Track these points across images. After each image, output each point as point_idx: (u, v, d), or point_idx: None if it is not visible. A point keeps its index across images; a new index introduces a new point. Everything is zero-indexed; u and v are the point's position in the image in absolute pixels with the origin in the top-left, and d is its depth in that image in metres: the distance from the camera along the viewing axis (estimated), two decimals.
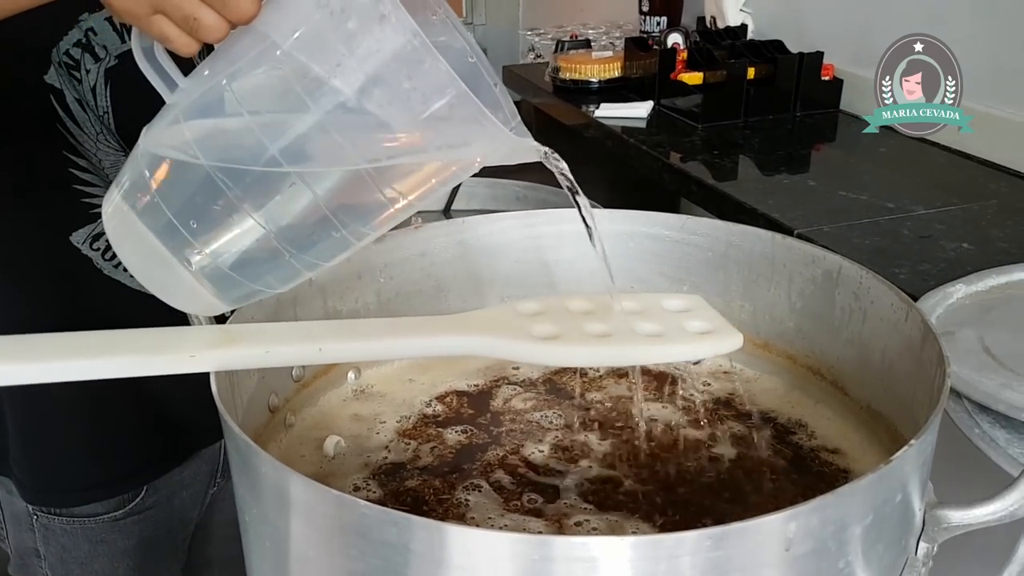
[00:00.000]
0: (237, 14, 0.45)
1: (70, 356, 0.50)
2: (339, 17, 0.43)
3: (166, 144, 0.52)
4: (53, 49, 0.82)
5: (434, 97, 0.44)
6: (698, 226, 0.75)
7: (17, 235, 0.85)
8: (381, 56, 0.43)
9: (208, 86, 0.50)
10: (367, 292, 0.74)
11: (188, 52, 0.49)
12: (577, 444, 0.65)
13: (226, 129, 0.50)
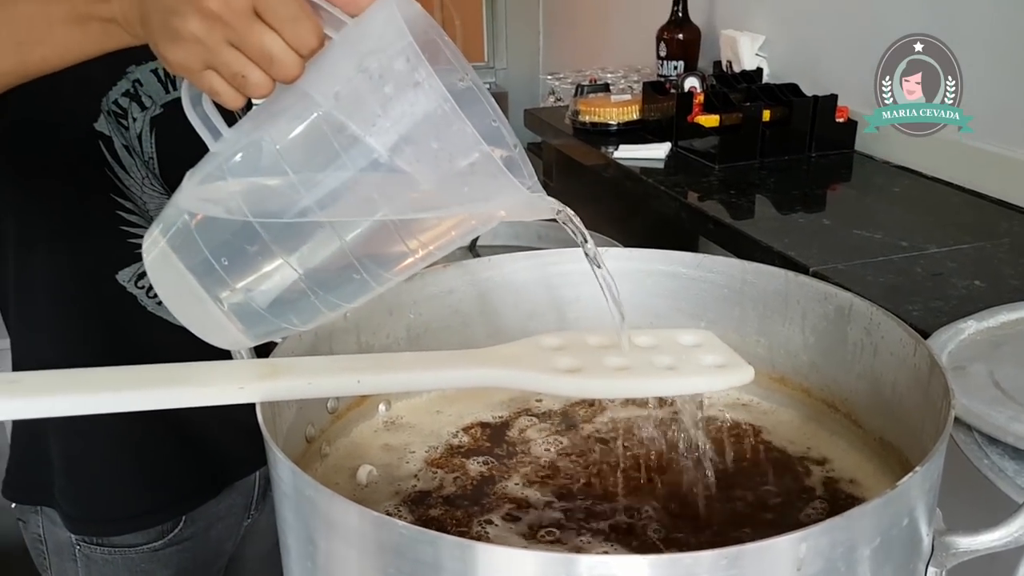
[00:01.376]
0: (282, 73, 0.49)
1: (129, 387, 0.54)
2: (377, 81, 0.47)
3: (207, 190, 0.56)
4: (103, 98, 0.87)
5: (460, 157, 0.47)
6: (714, 264, 0.78)
7: (66, 273, 0.90)
8: (413, 118, 0.47)
9: (251, 138, 0.54)
10: (398, 327, 0.77)
11: (234, 106, 0.53)
12: (594, 475, 0.68)
13: (265, 179, 0.54)
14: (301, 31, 0.48)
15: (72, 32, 0.54)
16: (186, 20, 0.47)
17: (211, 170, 0.56)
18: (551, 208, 0.55)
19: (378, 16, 0.48)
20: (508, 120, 0.54)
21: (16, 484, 0.99)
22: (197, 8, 0.47)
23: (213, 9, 0.46)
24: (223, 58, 0.48)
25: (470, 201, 0.51)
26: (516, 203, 0.52)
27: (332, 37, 0.50)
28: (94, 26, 0.53)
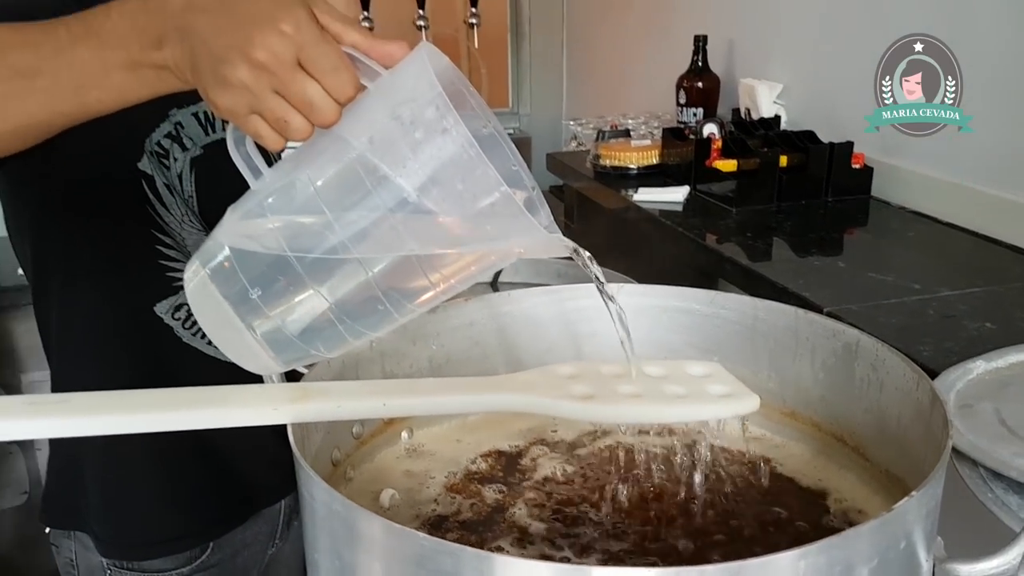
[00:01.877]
0: (321, 119, 0.53)
1: (170, 408, 0.57)
2: (409, 127, 0.51)
3: (246, 226, 0.60)
4: (147, 139, 0.92)
5: (482, 197, 0.51)
6: (726, 301, 0.81)
7: (106, 305, 0.94)
8: (441, 161, 0.51)
9: (290, 177, 0.58)
10: (421, 357, 0.80)
11: (275, 148, 0.56)
12: (603, 502, 0.70)
13: (301, 216, 0.58)
14: (340, 81, 0.52)
15: (127, 77, 0.57)
16: (235, 68, 0.51)
17: (251, 207, 0.60)
18: (566, 247, 0.58)
19: (411, 68, 0.53)
20: (531, 163, 0.58)
21: (52, 509, 1.02)
22: (246, 58, 0.51)
23: (261, 59, 0.51)
24: (268, 104, 0.52)
25: (491, 239, 0.55)
26: (533, 241, 0.56)
27: (367, 86, 0.54)
28: (147, 72, 0.57)
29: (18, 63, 0.58)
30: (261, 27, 0.50)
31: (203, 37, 0.52)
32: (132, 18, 0.55)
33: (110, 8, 0.57)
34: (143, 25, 0.55)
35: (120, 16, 0.56)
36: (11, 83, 0.58)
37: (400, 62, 0.53)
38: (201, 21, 0.52)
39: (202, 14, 0.52)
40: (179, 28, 0.53)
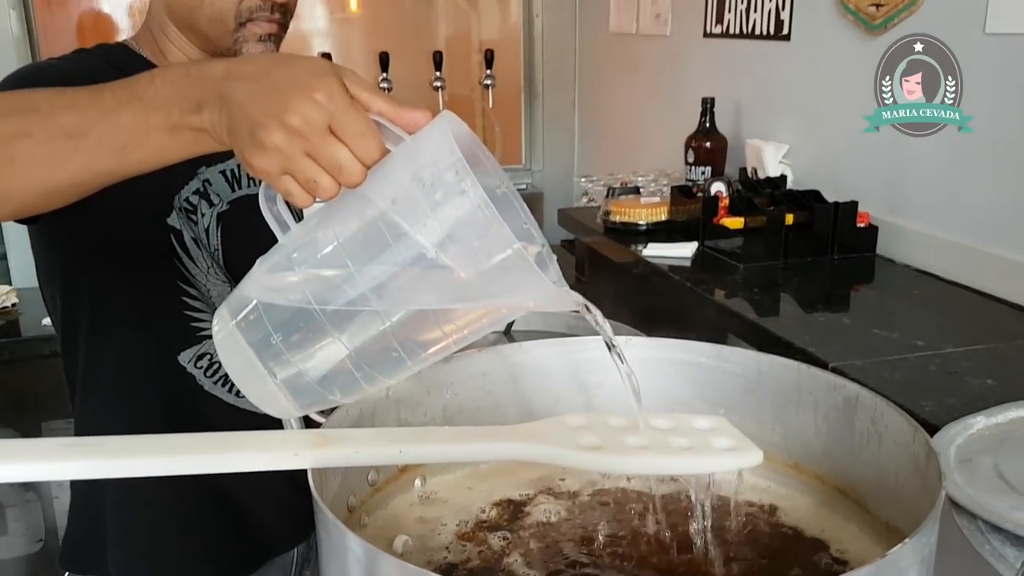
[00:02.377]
0: (348, 180, 0.57)
1: (198, 451, 0.60)
2: (429, 189, 0.55)
3: (272, 278, 0.64)
4: (176, 196, 0.97)
5: (497, 254, 0.55)
6: (731, 354, 0.83)
7: (132, 354, 0.98)
8: (458, 220, 0.55)
9: (315, 233, 0.62)
10: (435, 406, 0.83)
11: (304, 205, 0.60)
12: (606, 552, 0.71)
13: (324, 269, 0.62)
14: (367, 145, 0.56)
15: (166, 138, 0.61)
16: (271, 133, 0.55)
17: (279, 259, 0.64)
18: (574, 301, 0.61)
19: (433, 134, 0.57)
20: (543, 218, 0.62)
21: (72, 554, 1.04)
22: (281, 123, 0.55)
23: (295, 125, 0.54)
24: (299, 165, 0.56)
25: (503, 293, 0.58)
26: (543, 296, 0.59)
27: (391, 150, 0.58)
28: (186, 134, 0.60)
29: (65, 125, 0.61)
30: (296, 95, 0.54)
31: (241, 103, 0.56)
32: (174, 84, 0.59)
33: (154, 75, 0.61)
34: (185, 91, 0.59)
35: (163, 82, 0.60)
36: (58, 143, 0.62)
37: (423, 128, 0.57)
38: (240, 89, 0.56)
39: (240, 82, 0.57)
40: (219, 94, 0.57)
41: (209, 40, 0.97)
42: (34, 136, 0.62)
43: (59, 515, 2.08)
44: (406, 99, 0.61)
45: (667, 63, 2.75)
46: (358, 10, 3.77)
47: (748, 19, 2.27)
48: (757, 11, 2.23)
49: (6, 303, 2.06)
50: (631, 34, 2.96)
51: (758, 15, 2.22)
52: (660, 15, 2.76)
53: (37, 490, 2.06)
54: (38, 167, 0.62)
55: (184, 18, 0.97)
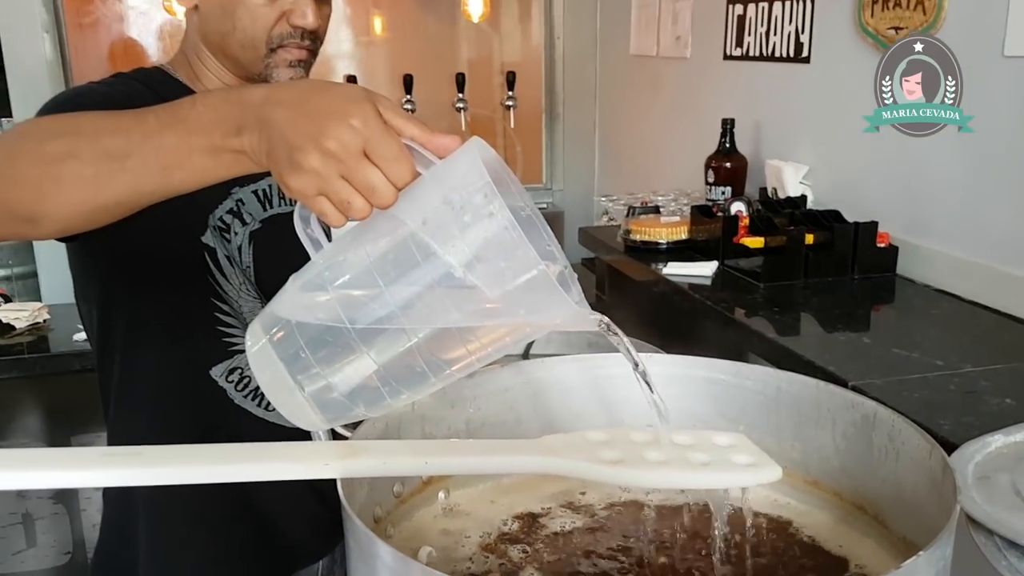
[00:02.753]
0: (381, 202, 0.59)
1: (233, 461, 0.62)
2: (458, 211, 0.57)
3: (304, 297, 0.66)
4: (211, 215, 1.00)
5: (522, 275, 0.57)
6: (751, 372, 0.84)
7: (166, 369, 1.01)
8: (486, 242, 0.57)
9: (347, 252, 0.64)
10: (458, 420, 0.85)
11: (337, 225, 0.62)
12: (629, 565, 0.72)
13: (355, 288, 0.64)
14: (399, 169, 0.58)
15: (207, 160, 0.64)
16: (308, 156, 0.57)
17: (311, 276, 0.66)
18: (595, 320, 0.63)
19: (463, 159, 0.59)
20: (563, 237, 0.64)
21: (104, 564, 1.07)
22: (318, 147, 0.57)
23: (332, 149, 0.57)
24: (334, 187, 0.58)
25: (527, 312, 0.60)
26: (565, 316, 0.61)
27: (422, 173, 0.60)
28: (226, 156, 0.63)
29: (110, 147, 0.64)
30: (333, 121, 0.57)
31: (280, 127, 0.59)
32: (215, 109, 0.62)
33: (196, 99, 0.64)
34: (225, 115, 0.62)
35: (205, 107, 0.63)
36: (103, 164, 0.64)
37: (453, 153, 0.60)
38: (278, 113, 0.59)
39: (279, 107, 0.59)
40: (258, 118, 0.60)
41: (241, 65, 1.00)
42: (80, 158, 0.65)
43: (87, 528, 2.12)
44: (429, 120, 0.63)
45: (687, 84, 2.77)
46: (383, 33, 3.83)
47: (768, 42, 2.29)
48: (777, 34, 2.25)
49: (38, 319, 2.10)
50: (651, 56, 2.99)
51: (778, 38, 2.24)
52: (680, 38, 2.78)
53: (65, 503, 2.10)
54: (84, 187, 0.65)
55: (217, 44, 1.01)
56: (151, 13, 3.56)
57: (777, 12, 2.24)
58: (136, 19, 3.58)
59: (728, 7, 2.48)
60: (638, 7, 3.08)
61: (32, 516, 2.09)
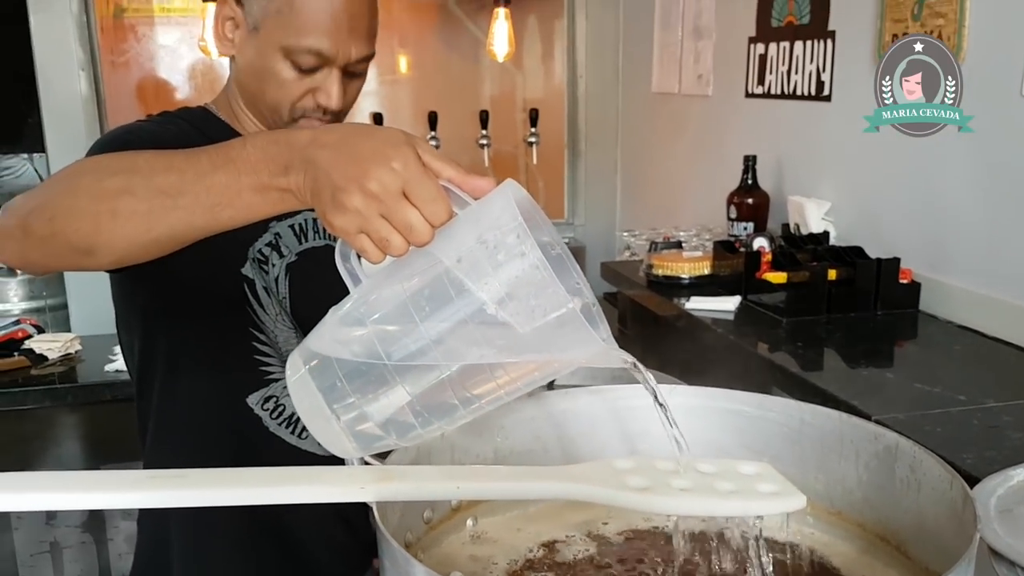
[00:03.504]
0: (418, 240, 0.62)
1: (274, 484, 0.65)
2: (492, 251, 0.60)
3: (342, 331, 0.69)
4: (250, 248, 1.03)
5: (552, 312, 0.60)
6: (774, 404, 0.86)
7: (204, 397, 1.04)
8: (518, 280, 0.59)
9: (384, 287, 0.67)
10: (486, 449, 0.87)
11: (376, 261, 0.65)
12: None
13: (391, 317, 0.67)
14: (436, 209, 0.61)
15: (255, 198, 0.67)
16: (351, 196, 0.60)
17: (349, 310, 0.69)
18: (623, 359, 0.66)
19: (496, 201, 0.62)
20: (586, 272, 0.66)
21: None
22: (361, 188, 0.60)
23: (374, 190, 0.60)
24: (374, 225, 0.61)
25: (556, 349, 0.63)
26: (593, 353, 0.64)
27: (457, 213, 0.63)
28: (273, 194, 0.66)
29: (164, 184, 0.68)
30: (376, 163, 0.60)
31: (325, 168, 0.62)
32: (263, 150, 0.66)
33: (245, 141, 0.67)
34: (273, 155, 0.65)
35: (254, 148, 0.66)
36: (157, 200, 0.68)
37: (488, 194, 0.63)
38: (323, 155, 0.62)
39: (324, 149, 0.63)
40: (304, 159, 0.63)
41: (266, 120, 1.05)
42: (136, 194, 0.68)
43: (113, 556, 2.14)
44: (452, 156, 0.66)
45: (709, 122, 2.81)
46: (408, 72, 3.91)
47: (789, 80, 2.33)
48: (798, 72, 2.28)
49: (70, 350, 2.15)
50: (673, 94, 3.03)
51: (799, 76, 2.28)
52: (702, 76, 2.82)
53: (93, 532, 2.13)
54: (139, 221, 0.69)
55: (249, 100, 1.06)
56: (182, 52, 3.67)
57: (799, 52, 2.28)
58: (167, 58, 3.68)
59: (750, 46, 2.52)
60: (660, 46, 3.13)
61: (60, 545, 2.12)
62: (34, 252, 0.75)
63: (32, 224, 0.73)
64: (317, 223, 1.12)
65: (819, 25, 2.18)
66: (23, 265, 0.79)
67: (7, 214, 0.77)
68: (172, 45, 3.68)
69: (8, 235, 0.76)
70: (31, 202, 0.75)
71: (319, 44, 0.98)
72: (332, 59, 1.00)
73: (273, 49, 0.99)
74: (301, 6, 0.98)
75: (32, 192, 0.76)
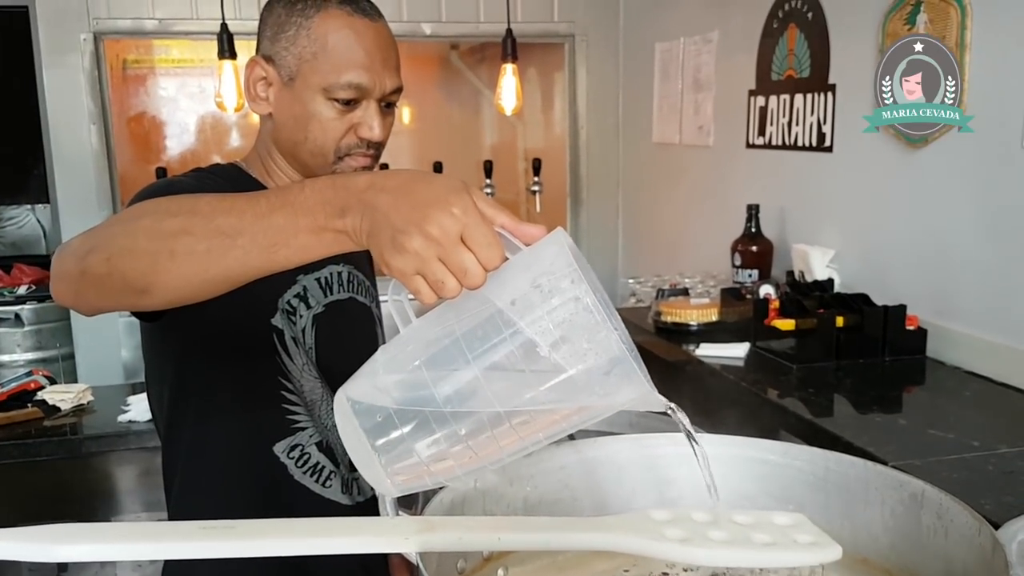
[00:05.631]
0: (471, 283, 0.63)
1: (322, 535, 0.66)
2: (546, 295, 0.62)
3: (391, 367, 0.70)
4: (280, 299, 1.06)
5: (604, 355, 0.62)
6: (799, 452, 0.87)
7: (233, 445, 1.05)
8: (572, 324, 0.62)
9: (436, 327, 0.68)
10: (517, 498, 0.88)
11: (428, 303, 0.66)
12: None
13: (440, 363, 0.67)
14: (491, 254, 0.63)
15: (311, 239, 0.67)
16: (412, 238, 0.62)
17: (398, 350, 0.70)
18: (665, 404, 0.68)
19: (550, 247, 0.64)
20: None
21: None
22: (420, 231, 0.62)
23: (434, 233, 0.62)
24: (432, 268, 0.63)
25: (604, 392, 0.64)
26: (637, 397, 0.66)
27: (509, 258, 0.65)
28: (328, 235, 0.67)
29: (224, 225, 0.70)
30: (437, 208, 0.62)
31: (385, 211, 0.64)
32: (322, 193, 0.68)
33: (304, 185, 0.70)
34: (330, 198, 0.67)
35: (312, 191, 0.68)
36: (216, 240, 0.70)
37: (539, 241, 0.65)
38: (383, 199, 0.64)
39: (383, 193, 0.65)
40: (361, 202, 0.65)
41: (309, 169, 1.08)
42: (195, 234, 0.70)
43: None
44: None
45: (710, 171, 2.86)
46: (411, 123, 3.98)
47: (791, 132, 2.38)
48: (799, 124, 2.33)
49: (82, 400, 2.16)
50: (674, 144, 3.09)
51: (800, 128, 2.33)
52: (703, 127, 2.88)
53: None
54: (196, 261, 0.71)
55: (289, 150, 1.09)
56: (192, 107, 3.73)
57: (799, 104, 2.33)
58: (177, 112, 3.75)
59: (750, 99, 2.58)
60: (660, 97, 3.20)
61: None
62: (89, 291, 0.77)
63: (89, 264, 0.75)
64: (342, 276, 1.15)
65: (819, 78, 2.24)
66: (76, 304, 0.80)
67: (64, 253, 0.78)
68: (182, 100, 3.75)
69: (65, 275, 0.78)
70: (89, 242, 0.76)
71: (358, 78, 1.03)
72: (370, 90, 1.04)
73: (313, 93, 1.04)
74: (335, 46, 1.03)
75: (89, 232, 0.78)
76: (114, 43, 3.38)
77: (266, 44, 1.07)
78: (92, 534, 0.62)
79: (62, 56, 3.20)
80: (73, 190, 3.27)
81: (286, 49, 1.04)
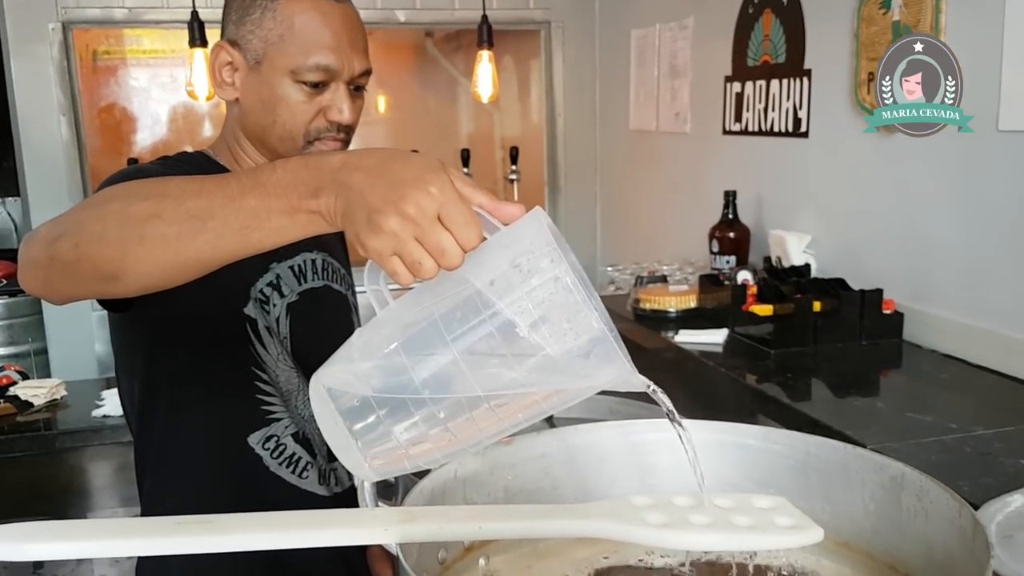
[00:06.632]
0: (449, 264, 0.62)
1: (301, 527, 0.64)
2: (526, 274, 0.61)
3: (368, 350, 0.69)
4: (252, 287, 1.04)
5: (584, 335, 0.61)
6: (779, 436, 0.87)
7: (206, 436, 1.04)
8: (552, 304, 0.61)
9: (413, 309, 0.67)
10: (497, 486, 0.87)
11: (406, 284, 0.65)
12: None
13: (418, 345, 0.66)
14: (469, 233, 0.62)
15: (285, 221, 0.66)
16: (388, 218, 0.61)
17: (375, 332, 0.69)
18: (645, 384, 0.67)
19: (529, 226, 0.63)
20: None
21: None
22: (398, 210, 0.61)
23: (410, 212, 0.61)
24: (408, 248, 0.61)
25: (585, 372, 0.64)
26: (618, 377, 0.65)
27: (487, 238, 0.64)
28: (302, 216, 0.65)
29: (194, 208, 0.68)
30: (414, 187, 0.61)
31: (359, 191, 0.62)
32: (295, 173, 0.66)
33: (276, 165, 0.68)
34: (303, 178, 0.65)
35: (284, 171, 0.66)
36: (187, 224, 0.68)
37: (518, 220, 0.64)
38: (357, 178, 0.63)
39: (358, 172, 0.63)
40: (336, 182, 0.64)
41: (278, 153, 1.06)
42: (165, 218, 0.68)
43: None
44: None
45: (687, 158, 2.86)
46: (386, 112, 3.95)
47: (767, 118, 2.38)
48: (775, 110, 2.34)
49: (55, 396, 2.13)
50: (651, 131, 3.09)
51: (776, 114, 2.33)
52: (679, 114, 2.88)
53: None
54: (167, 246, 0.68)
55: (257, 135, 1.07)
56: (163, 97, 3.68)
57: (775, 90, 2.33)
58: (149, 103, 3.69)
59: (726, 85, 2.58)
60: (636, 84, 3.19)
61: None
62: (58, 279, 0.75)
63: (58, 251, 0.72)
64: (316, 264, 1.13)
65: (795, 64, 2.24)
66: (45, 293, 0.78)
67: (32, 241, 0.76)
68: (153, 90, 3.69)
69: (33, 263, 0.76)
70: (56, 229, 0.74)
71: (326, 60, 1.02)
72: (339, 72, 1.03)
73: (281, 75, 1.02)
74: (302, 27, 1.01)
75: (58, 219, 0.75)
76: (84, 33, 3.33)
77: (231, 28, 1.05)
78: (64, 532, 0.60)
79: (30, 46, 3.14)
80: (43, 183, 3.22)
81: (252, 32, 1.02)
